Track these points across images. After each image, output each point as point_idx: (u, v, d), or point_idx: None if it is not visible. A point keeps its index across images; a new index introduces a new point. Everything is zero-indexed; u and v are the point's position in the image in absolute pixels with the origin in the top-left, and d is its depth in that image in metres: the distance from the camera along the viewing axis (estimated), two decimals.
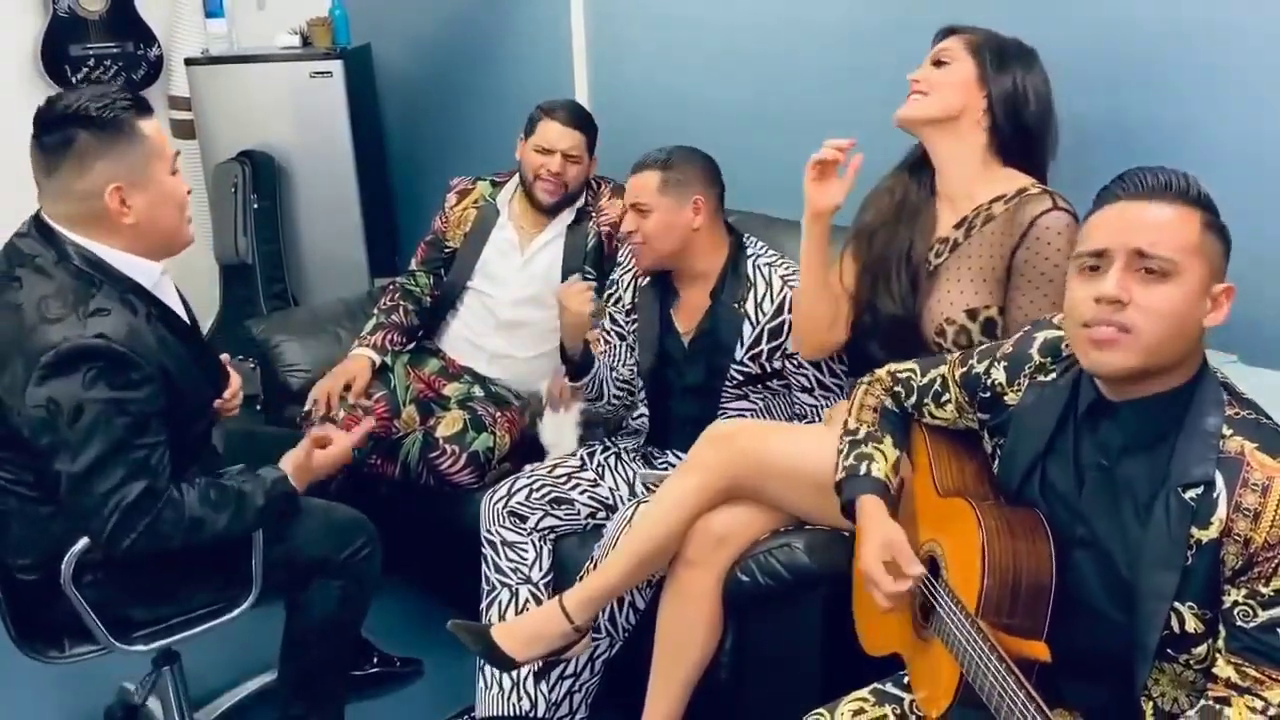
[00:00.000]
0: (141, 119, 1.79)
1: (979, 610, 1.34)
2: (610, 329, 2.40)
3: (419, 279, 2.80)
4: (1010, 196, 1.81)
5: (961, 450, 1.57)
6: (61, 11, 3.54)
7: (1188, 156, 1.97)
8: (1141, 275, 1.23)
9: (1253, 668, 1.19)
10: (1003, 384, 1.47)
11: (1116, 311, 1.23)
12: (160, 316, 1.84)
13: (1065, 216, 1.75)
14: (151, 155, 1.80)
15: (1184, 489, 1.23)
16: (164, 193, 1.82)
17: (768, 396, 2.24)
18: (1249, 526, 1.18)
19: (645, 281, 2.33)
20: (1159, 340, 1.23)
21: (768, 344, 2.18)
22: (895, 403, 1.64)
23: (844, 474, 1.59)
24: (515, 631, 1.99)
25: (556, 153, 2.58)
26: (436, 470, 2.46)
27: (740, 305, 2.19)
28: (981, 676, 1.29)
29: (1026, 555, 1.35)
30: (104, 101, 1.76)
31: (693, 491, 1.93)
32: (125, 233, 1.79)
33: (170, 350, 1.82)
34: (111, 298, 1.76)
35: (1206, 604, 1.23)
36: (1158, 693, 1.30)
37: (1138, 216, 1.25)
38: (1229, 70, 1.91)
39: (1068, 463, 1.38)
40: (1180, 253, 1.23)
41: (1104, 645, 1.31)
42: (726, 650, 1.97)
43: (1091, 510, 1.34)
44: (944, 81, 1.85)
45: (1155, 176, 1.27)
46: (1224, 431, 1.24)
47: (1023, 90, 1.84)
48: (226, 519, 1.85)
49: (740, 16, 2.71)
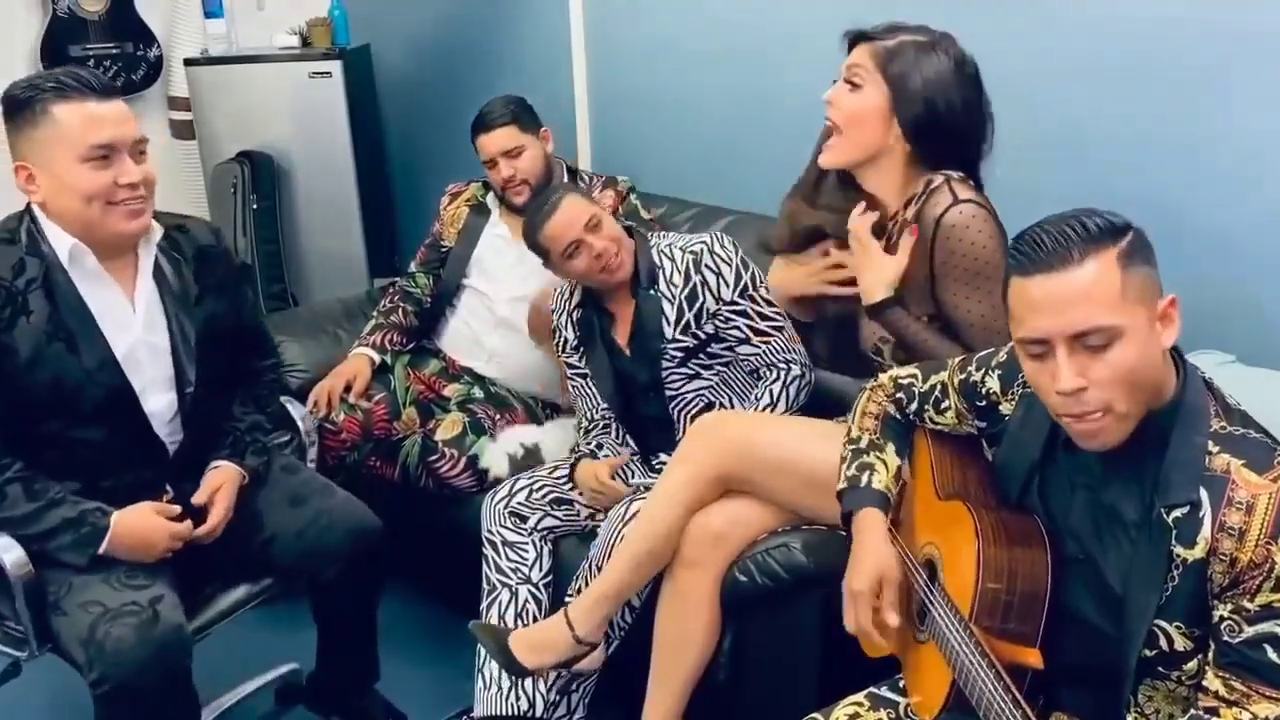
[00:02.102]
0: (63, 103, 1.78)
1: (972, 615, 1.34)
2: (572, 374, 2.38)
3: (419, 280, 2.81)
4: (919, 195, 1.77)
5: (964, 455, 1.57)
6: (61, 12, 3.54)
7: (1186, 156, 1.98)
8: (1088, 350, 1.21)
9: (1239, 682, 1.18)
10: (997, 393, 1.46)
11: (1081, 401, 1.22)
12: (47, 289, 1.82)
13: (969, 208, 1.70)
14: (56, 141, 1.79)
15: (1168, 510, 1.22)
16: (62, 181, 1.81)
17: (718, 368, 2.24)
18: (1234, 545, 1.17)
19: (579, 315, 2.32)
20: (1132, 396, 1.22)
21: (690, 312, 2.19)
22: (898, 409, 1.63)
23: (845, 484, 1.59)
24: (528, 639, 2.00)
25: (498, 159, 2.58)
26: (435, 474, 2.46)
27: (656, 290, 2.21)
28: (972, 682, 1.29)
29: (1022, 562, 1.35)
30: (28, 83, 1.81)
31: (684, 484, 1.93)
32: (45, 204, 1.84)
33: (28, 329, 1.80)
34: (15, 244, 1.83)
35: (1194, 622, 1.22)
36: (1151, 709, 1.30)
37: (1057, 295, 1.20)
38: (1228, 69, 1.91)
39: (1061, 476, 1.37)
40: (1114, 312, 1.19)
41: (1096, 658, 1.31)
42: (725, 650, 1.97)
43: (1081, 526, 1.34)
44: (858, 113, 1.77)
45: (1049, 237, 1.21)
46: (1210, 449, 1.22)
47: (935, 101, 1.74)
48: (26, 510, 1.81)
49: (739, 16, 2.71)
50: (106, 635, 1.74)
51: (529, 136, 2.61)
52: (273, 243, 3.67)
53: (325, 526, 2.07)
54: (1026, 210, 2.24)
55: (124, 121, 1.84)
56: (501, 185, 2.63)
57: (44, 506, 1.82)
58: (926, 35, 1.77)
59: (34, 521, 1.82)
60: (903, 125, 1.75)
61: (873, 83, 1.76)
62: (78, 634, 1.77)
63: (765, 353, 2.19)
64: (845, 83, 1.79)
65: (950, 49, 1.77)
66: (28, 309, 1.80)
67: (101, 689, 1.74)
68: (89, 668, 1.74)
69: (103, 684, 1.74)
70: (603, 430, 2.33)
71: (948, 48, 1.77)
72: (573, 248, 2.18)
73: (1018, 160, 2.29)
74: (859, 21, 2.50)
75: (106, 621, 1.75)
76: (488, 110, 2.63)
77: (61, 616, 1.81)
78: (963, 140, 1.79)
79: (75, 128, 1.79)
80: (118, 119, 1.83)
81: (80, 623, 1.77)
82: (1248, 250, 1.86)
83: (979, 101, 1.79)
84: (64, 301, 1.84)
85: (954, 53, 1.76)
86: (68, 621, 1.80)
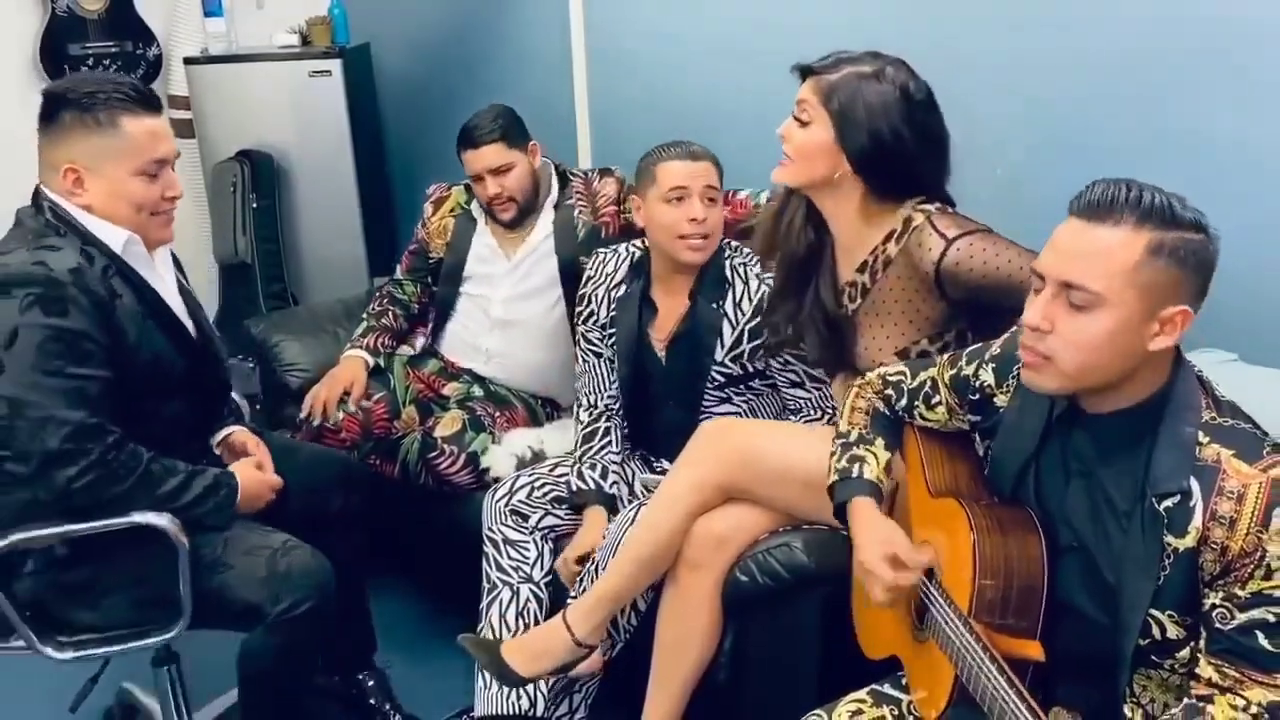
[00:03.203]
0: (129, 116, 1.84)
1: (972, 611, 1.34)
2: (586, 349, 2.36)
3: (406, 288, 2.80)
4: (900, 232, 1.75)
5: (954, 451, 1.58)
6: (60, 10, 3.54)
7: (1186, 155, 1.98)
8: (1066, 304, 1.23)
9: (1232, 668, 1.20)
10: (992, 385, 1.47)
11: (1038, 340, 1.25)
12: (121, 274, 1.86)
13: (963, 244, 1.67)
14: (118, 151, 1.84)
15: (1159, 499, 1.23)
16: (115, 190, 1.85)
17: (751, 398, 2.22)
18: (1225, 534, 1.19)
19: (620, 293, 2.30)
20: (1080, 368, 1.24)
21: (749, 344, 2.16)
22: (886, 405, 1.64)
23: (836, 476, 1.60)
24: (522, 647, 1.99)
25: (485, 176, 2.54)
26: (435, 471, 2.46)
27: (719, 306, 2.18)
28: (975, 678, 1.29)
29: (1018, 555, 1.36)
30: (95, 88, 1.83)
31: (687, 489, 1.93)
32: (91, 206, 1.86)
33: (127, 310, 1.84)
34: (70, 244, 1.83)
35: (1187, 610, 1.23)
36: (1146, 698, 1.31)
37: (1073, 242, 1.23)
38: (1227, 70, 1.91)
39: (1056, 466, 1.38)
40: (1108, 285, 1.20)
41: (1091, 648, 1.32)
42: (725, 650, 1.97)
43: (1075, 515, 1.35)
44: (805, 148, 1.76)
45: (1109, 190, 1.23)
46: (1200, 439, 1.23)
47: (880, 132, 1.71)
48: (175, 484, 1.86)
49: (738, 16, 2.71)
50: (289, 565, 1.90)
51: (516, 153, 2.55)
52: (272, 242, 3.67)
53: (319, 466, 2.24)
54: (1025, 209, 2.25)
55: (172, 136, 1.93)
56: (488, 201, 2.58)
57: (186, 478, 1.88)
58: (871, 64, 1.74)
59: (184, 493, 1.88)
60: (850, 159, 1.74)
61: (818, 118, 1.75)
62: (255, 575, 1.89)
63: (817, 400, 2.17)
64: (794, 119, 1.79)
65: (897, 77, 1.73)
66: (116, 292, 1.84)
67: (294, 612, 1.87)
68: (275, 600, 1.87)
69: (298, 606, 1.87)
70: (604, 436, 2.31)
71: (894, 76, 1.73)
72: (678, 195, 2.12)
73: (1016, 159, 2.29)
74: (858, 20, 2.52)
75: (283, 555, 1.91)
76: (475, 125, 2.54)
77: (228, 571, 1.90)
78: (916, 169, 1.76)
79: (140, 141, 1.85)
80: (169, 134, 1.92)
81: (254, 566, 1.90)
82: (1247, 249, 1.86)
83: (932, 126, 1.76)
84: (141, 284, 1.89)
85: (900, 80, 1.73)
86: (234, 573, 1.90)
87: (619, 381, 2.32)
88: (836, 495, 1.59)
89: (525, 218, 2.61)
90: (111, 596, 1.91)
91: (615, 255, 2.34)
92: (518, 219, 2.60)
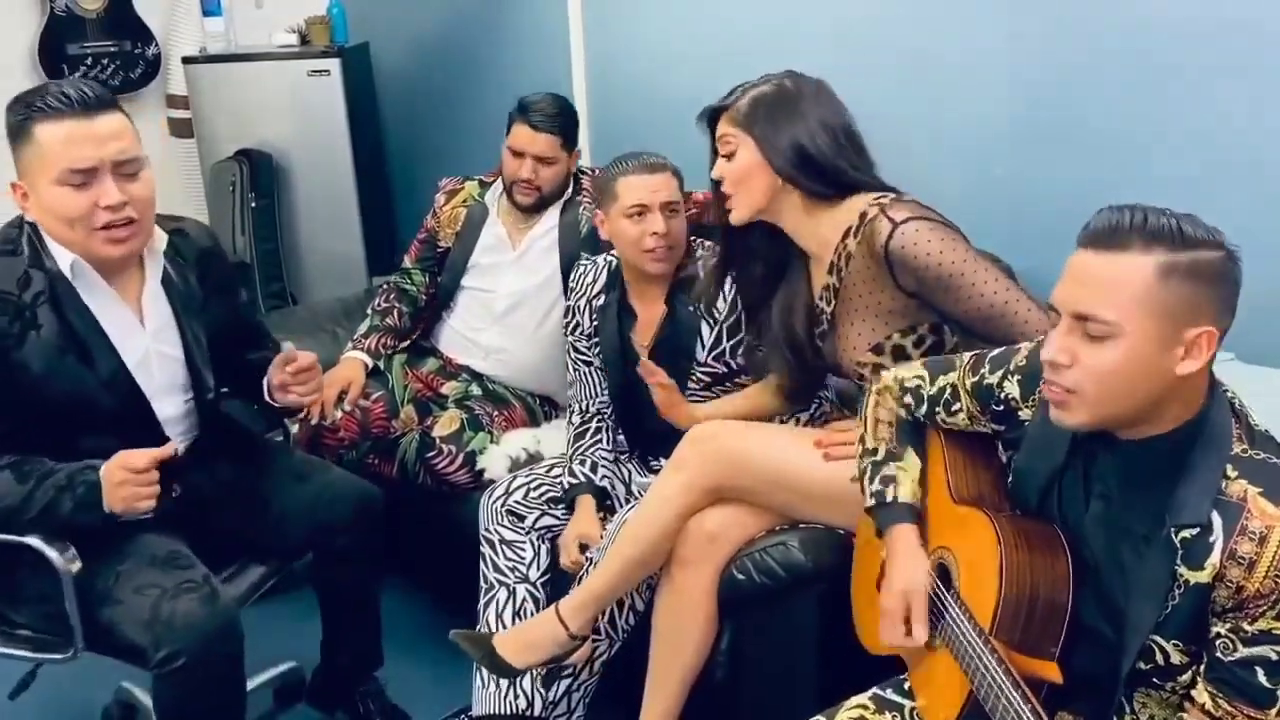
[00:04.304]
0: (46, 123, 1.73)
1: (994, 626, 1.31)
2: (576, 358, 2.37)
3: (414, 277, 2.80)
4: (856, 227, 1.79)
5: (978, 457, 1.55)
6: (59, 10, 3.54)
7: (1186, 153, 1.98)
8: (1084, 337, 1.21)
9: (1226, 700, 1.19)
10: (1017, 399, 1.43)
11: (1059, 375, 1.23)
12: (52, 301, 1.80)
13: (908, 228, 1.71)
14: (37, 162, 1.75)
15: (1178, 530, 1.20)
16: (43, 203, 1.78)
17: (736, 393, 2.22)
18: (1243, 574, 1.16)
19: (600, 302, 2.31)
20: (1105, 399, 1.22)
21: (729, 341, 2.17)
22: (907, 413, 1.61)
23: (873, 500, 1.58)
24: (514, 639, 1.99)
25: (528, 157, 2.55)
26: (433, 470, 2.46)
27: (696, 307, 2.18)
28: (992, 695, 1.27)
29: (1044, 572, 1.32)
30: (27, 99, 1.77)
31: (677, 491, 1.93)
32: (38, 222, 1.82)
33: (42, 344, 1.79)
34: (14, 265, 1.80)
35: (1191, 640, 1.22)
36: (1146, 715, 1.30)
37: (1079, 271, 1.22)
38: (1230, 67, 1.91)
39: (1077, 483, 1.36)
40: (1121, 313, 1.18)
41: (1097, 665, 1.30)
42: (723, 650, 1.96)
43: (1094, 535, 1.33)
44: (738, 174, 1.84)
45: (1115, 217, 1.21)
46: (1229, 472, 1.19)
47: (800, 141, 1.80)
48: (19, 496, 1.77)
49: (737, 15, 2.71)
50: (173, 612, 1.76)
51: (563, 153, 2.59)
52: (271, 241, 3.67)
53: (331, 499, 2.11)
54: (1025, 208, 2.25)
55: (105, 141, 1.75)
56: (513, 179, 2.60)
57: (35, 485, 1.79)
58: (769, 83, 1.86)
59: (32, 501, 1.78)
60: (780, 174, 1.82)
61: (742, 145, 1.84)
62: (139, 617, 1.77)
63: None
64: (720, 156, 1.88)
65: (795, 84, 1.85)
66: (37, 323, 1.79)
67: (172, 664, 1.74)
68: (156, 647, 1.75)
69: (174, 659, 1.74)
70: (595, 434, 2.31)
71: (793, 85, 1.84)
72: (639, 210, 2.15)
73: (1017, 158, 2.29)
74: (857, 19, 2.52)
75: (169, 599, 1.77)
76: (540, 108, 2.55)
77: (116, 605, 1.81)
78: (843, 163, 1.82)
79: (52, 149, 1.73)
80: (98, 139, 1.74)
81: (140, 606, 1.78)
82: (1247, 247, 1.85)
83: (840, 119, 1.84)
84: (73, 314, 1.82)
85: (799, 87, 1.84)
86: (123, 609, 1.80)
87: (609, 388, 2.32)
88: (879, 521, 1.57)
89: (539, 209, 2.63)
90: (27, 605, 1.90)
91: (594, 266, 2.35)
92: (532, 207, 2.62)
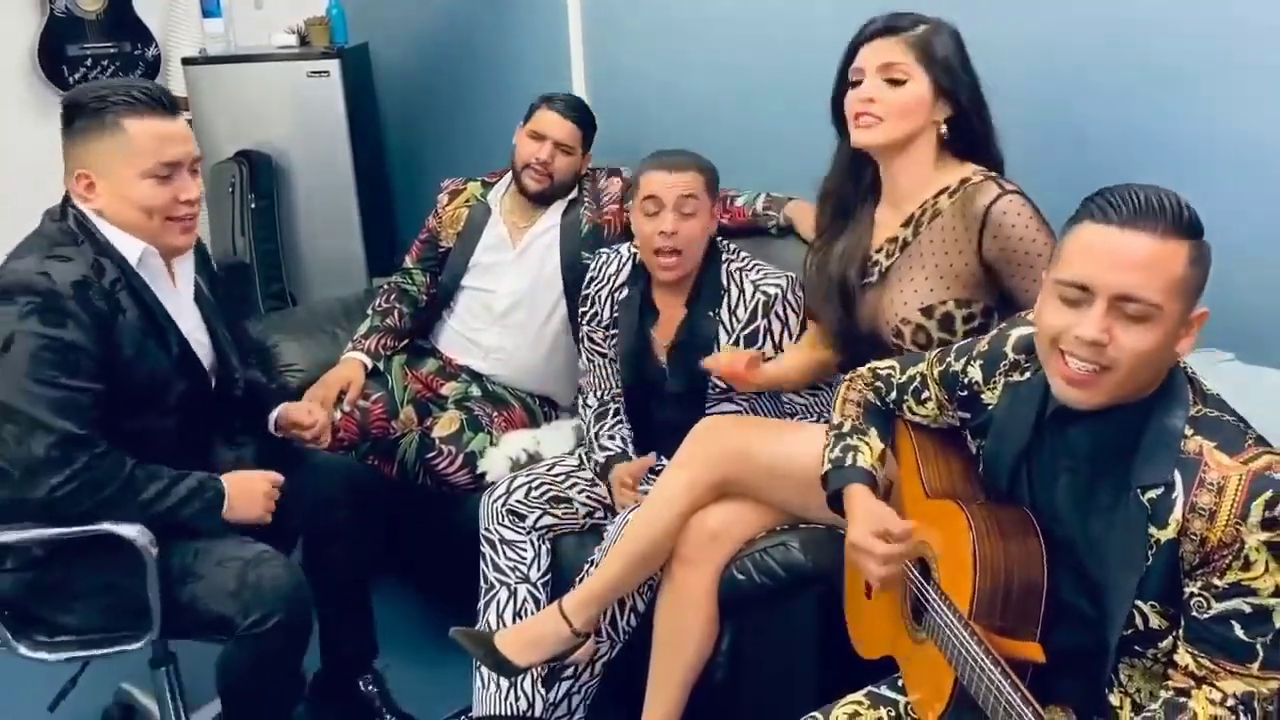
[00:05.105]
0: (134, 118, 1.83)
1: (972, 612, 1.34)
2: (591, 349, 2.37)
3: (415, 277, 2.80)
4: (954, 189, 1.80)
5: (949, 450, 1.57)
6: (59, 11, 3.54)
7: (1186, 155, 1.98)
8: (1122, 316, 1.22)
9: (1207, 659, 1.21)
10: (979, 382, 1.47)
11: (1098, 354, 1.23)
12: (130, 288, 1.86)
13: (1016, 199, 1.75)
14: (124, 153, 1.83)
15: (1143, 491, 1.24)
16: (124, 193, 1.85)
17: (753, 398, 2.22)
18: (1204, 526, 1.20)
19: (622, 295, 2.30)
20: (1133, 376, 1.24)
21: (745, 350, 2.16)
22: (877, 398, 1.65)
23: (830, 465, 1.60)
24: (516, 636, 1.99)
25: (548, 140, 2.57)
26: (433, 471, 2.46)
27: (715, 314, 2.18)
28: (976, 680, 1.29)
29: (1018, 555, 1.36)
30: (107, 92, 1.83)
31: (682, 488, 1.93)
32: (103, 211, 1.86)
33: (129, 326, 1.84)
34: (83, 254, 1.83)
35: (1169, 601, 1.24)
36: (1133, 688, 1.32)
37: (1123, 253, 1.22)
38: (1228, 69, 1.91)
39: (1046, 461, 1.38)
40: (1164, 295, 1.21)
41: (1079, 641, 1.33)
42: (723, 650, 1.97)
43: (1065, 509, 1.36)
44: (903, 105, 1.79)
45: (1144, 199, 1.22)
46: (1185, 432, 1.24)
47: (976, 82, 1.81)
48: (157, 489, 1.85)
49: (737, 12, 2.71)
50: (260, 577, 1.86)
51: (581, 149, 2.63)
52: (271, 242, 3.66)
53: (326, 476, 2.20)
54: None
55: (188, 140, 1.90)
56: (527, 162, 2.60)
57: (170, 483, 1.87)
58: (931, 21, 1.82)
59: (166, 497, 1.86)
60: (954, 107, 1.80)
61: (915, 74, 1.78)
62: (224, 588, 1.85)
63: (813, 404, 2.18)
64: (885, 81, 1.79)
65: (953, 31, 1.82)
66: (121, 307, 1.85)
67: (265, 625, 1.83)
68: (245, 614, 1.83)
69: (265, 622, 1.83)
70: (615, 414, 2.32)
71: (952, 30, 1.82)
72: (652, 202, 2.13)
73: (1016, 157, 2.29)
74: (859, 11, 2.51)
75: (254, 568, 1.87)
76: (566, 99, 2.63)
77: (198, 581, 1.88)
78: (987, 118, 1.83)
79: (144, 143, 1.83)
80: (184, 137, 1.89)
81: (224, 577, 1.86)
82: (1247, 247, 1.86)
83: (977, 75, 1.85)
84: (148, 300, 1.89)
85: (956, 34, 1.82)
86: (205, 584, 1.87)
87: (621, 381, 2.32)
88: (830, 484, 1.58)
89: (546, 201, 2.64)
90: (83, 601, 1.92)
91: (618, 256, 2.34)
92: (539, 197, 2.62)
